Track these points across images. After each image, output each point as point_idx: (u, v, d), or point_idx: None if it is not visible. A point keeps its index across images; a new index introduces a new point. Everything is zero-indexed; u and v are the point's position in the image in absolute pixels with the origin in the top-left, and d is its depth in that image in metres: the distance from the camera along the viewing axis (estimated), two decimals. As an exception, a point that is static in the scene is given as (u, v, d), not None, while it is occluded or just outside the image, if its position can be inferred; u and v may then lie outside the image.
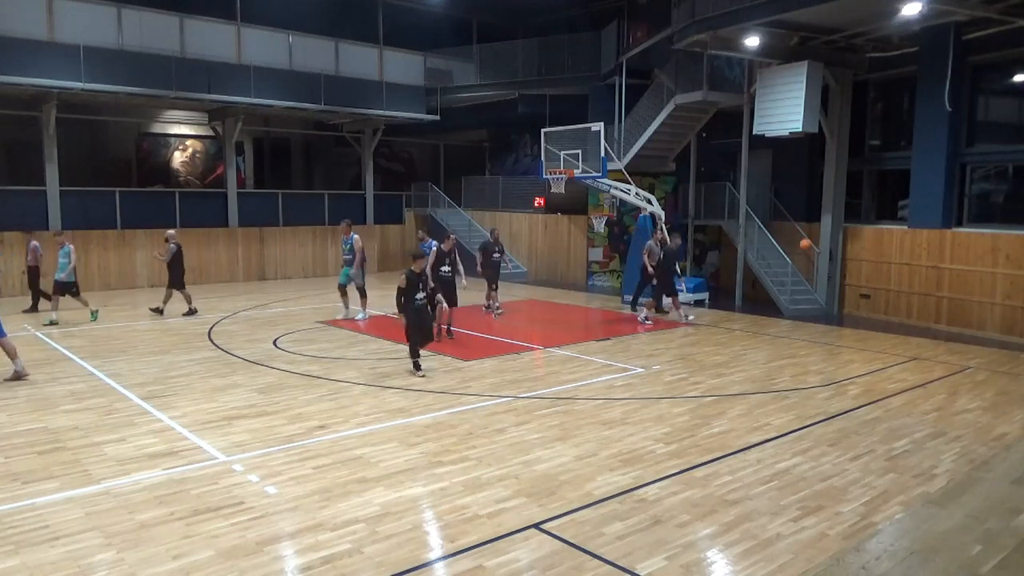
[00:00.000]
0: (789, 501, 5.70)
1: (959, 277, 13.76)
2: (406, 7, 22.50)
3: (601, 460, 6.55)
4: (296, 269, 21.65)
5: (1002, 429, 7.68)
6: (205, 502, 5.53)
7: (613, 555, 4.78)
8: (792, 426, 7.65)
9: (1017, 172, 14.00)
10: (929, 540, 5.00)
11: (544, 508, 5.50)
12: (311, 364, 10.23)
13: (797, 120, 14.10)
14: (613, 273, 19.88)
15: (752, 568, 4.67)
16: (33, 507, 5.42)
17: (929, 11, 12.05)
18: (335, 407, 8.14)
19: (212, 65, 18.21)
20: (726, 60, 16.57)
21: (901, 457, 6.76)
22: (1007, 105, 14.50)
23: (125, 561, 4.63)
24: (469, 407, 8.23)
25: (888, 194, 16.20)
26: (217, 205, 20.45)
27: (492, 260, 14.79)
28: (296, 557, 4.74)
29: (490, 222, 23.74)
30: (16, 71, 15.50)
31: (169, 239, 14.23)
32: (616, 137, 18.70)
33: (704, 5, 13.85)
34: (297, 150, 26.65)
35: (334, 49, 20.70)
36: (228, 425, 7.46)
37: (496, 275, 14.95)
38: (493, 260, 14.80)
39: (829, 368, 10.56)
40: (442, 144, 28.29)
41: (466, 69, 23.06)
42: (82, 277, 17.70)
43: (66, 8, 16.42)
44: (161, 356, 10.70)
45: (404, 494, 5.75)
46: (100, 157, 21.68)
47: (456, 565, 4.67)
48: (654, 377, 9.80)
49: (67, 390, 8.77)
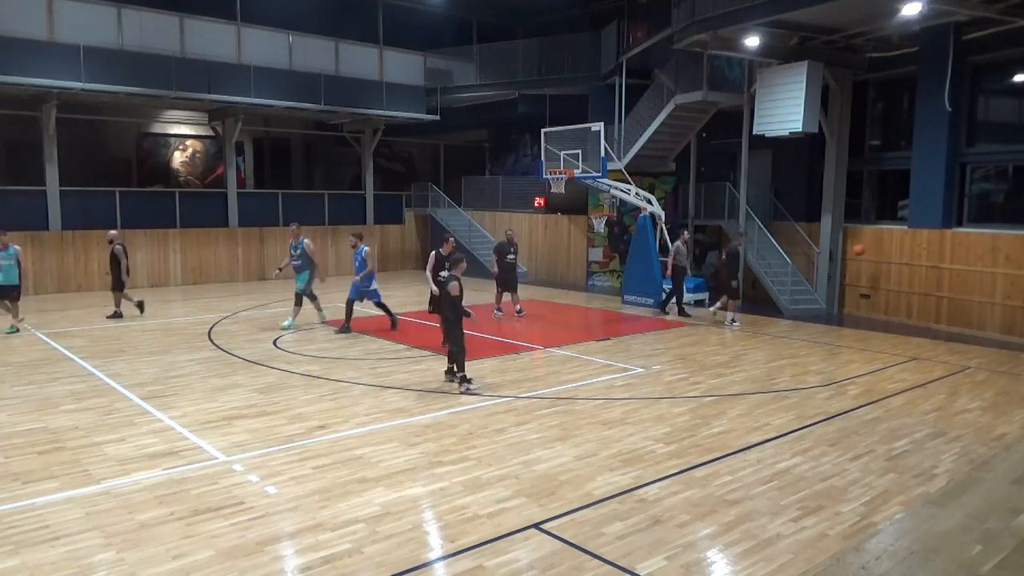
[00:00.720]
0: (789, 501, 5.70)
1: (959, 277, 13.76)
2: (406, 7, 22.50)
3: (601, 460, 6.55)
4: (296, 269, 21.63)
5: (1002, 429, 7.68)
6: (205, 502, 5.53)
7: (613, 555, 4.77)
8: (792, 426, 7.65)
9: (1017, 172, 14.00)
10: (929, 540, 5.00)
11: (544, 508, 5.50)
12: (311, 364, 10.23)
13: (797, 120, 14.10)
14: (613, 273, 19.88)
15: (752, 568, 4.67)
16: (33, 507, 5.41)
17: (929, 11, 12.05)
18: (335, 407, 8.14)
19: (212, 65, 18.22)
20: (726, 60, 16.57)
21: (901, 457, 6.76)
22: (1007, 105, 14.50)
23: (125, 561, 4.63)
24: (469, 407, 8.23)
25: (888, 194, 16.21)
26: (217, 205, 20.46)
27: (505, 262, 14.31)
28: (296, 557, 4.74)
29: (490, 222, 23.79)
30: (16, 71, 15.51)
31: (112, 240, 13.70)
32: (616, 137, 18.70)
33: (704, 5, 13.85)
34: (297, 150, 26.65)
35: (334, 49, 20.71)
36: (228, 425, 7.46)
37: (508, 277, 14.41)
38: (506, 262, 14.32)
39: (829, 368, 10.56)
40: (442, 144, 28.29)
41: (466, 69, 23.07)
42: (82, 277, 17.86)
43: (66, 8, 16.43)
44: (161, 356, 10.70)
45: (404, 494, 5.75)
46: (100, 157, 21.68)
47: (456, 565, 4.67)
48: (654, 377, 9.80)
49: (67, 390, 8.77)
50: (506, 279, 14.41)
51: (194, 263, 19.69)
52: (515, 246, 14.66)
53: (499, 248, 14.54)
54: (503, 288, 14.50)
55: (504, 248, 14.42)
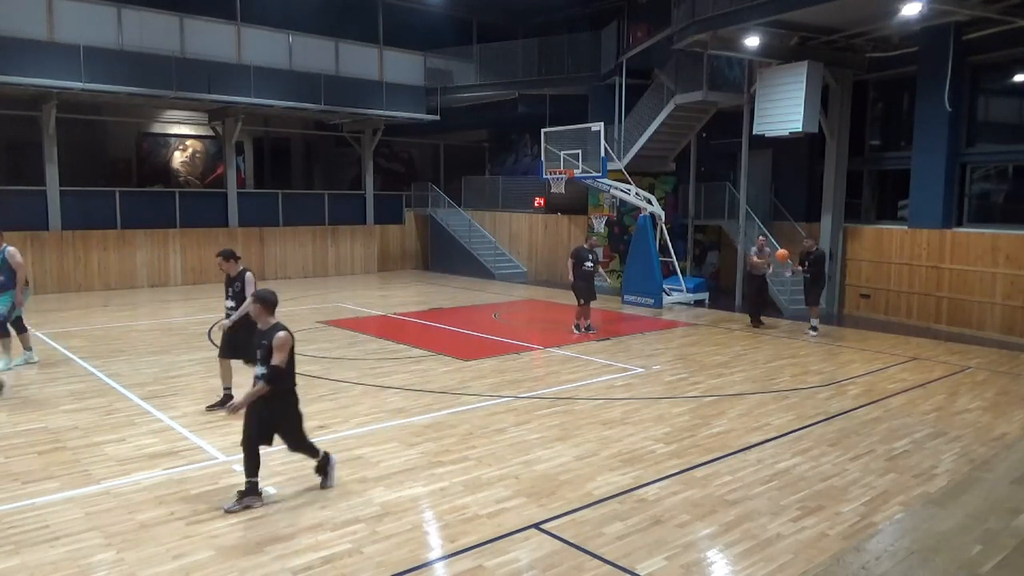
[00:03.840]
0: (789, 501, 5.70)
1: (959, 277, 13.76)
2: (406, 7, 22.50)
3: (601, 460, 6.55)
4: (296, 269, 21.65)
5: (1002, 429, 7.68)
6: (205, 502, 5.53)
7: (613, 555, 4.78)
8: (792, 426, 7.65)
9: (1017, 172, 14.01)
10: (929, 540, 5.00)
11: (544, 508, 5.50)
12: (311, 364, 10.22)
13: (797, 120, 14.10)
14: (613, 273, 19.87)
15: (752, 568, 4.67)
16: (33, 507, 5.41)
17: (929, 11, 12.05)
18: (335, 407, 8.14)
19: (212, 65, 18.21)
20: (726, 60, 16.56)
21: (901, 457, 6.76)
22: (1007, 105, 14.50)
23: (125, 561, 4.63)
24: (469, 407, 8.23)
25: (888, 194, 16.21)
26: (217, 205, 20.45)
27: (583, 270, 12.64)
28: (296, 557, 4.74)
29: (490, 222, 23.77)
30: (16, 71, 15.50)
31: None
32: (616, 137, 18.70)
33: (704, 5, 13.85)
34: (297, 150, 26.66)
35: (334, 49, 20.70)
36: (228, 425, 7.44)
37: (586, 288, 12.69)
38: (584, 270, 12.65)
39: (829, 368, 10.56)
40: (442, 144, 28.29)
41: (466, 69, 23.06)
42: (83, 277, 17.85)
43: (66, 8, 16.42)
44: (161, 356, 10.70)
45: (404, 494, 5.75)
46: (100, 157, 21.69)
47: (456, 565, 4.67)
48: (654, 377, 9.80)
49: (67, 390, 8.77)
50: (588, 289, 12.69)
51: (194, 263, 19.67)
52: (595, 253, 13.02)
53: (577, 254, 12.82)
54: (583, 298, 12.72)
55: (583, 254, 12.75)
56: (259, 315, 5.72)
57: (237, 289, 7.82)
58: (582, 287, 12.65)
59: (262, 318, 5.71)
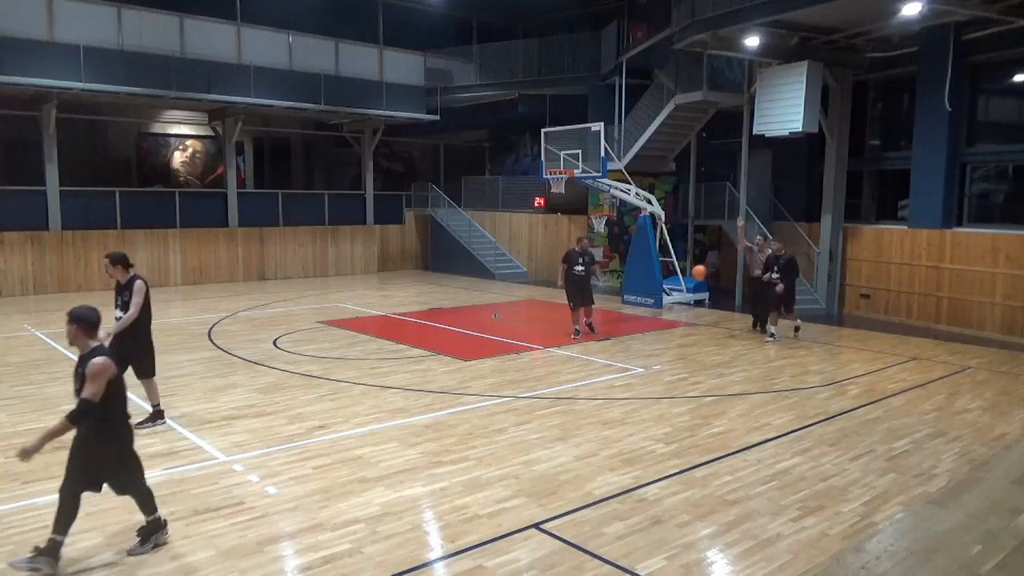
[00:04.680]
0: (789, 501, 5.70)
1: (959, 277, 13.76)
2: (406, 7, 22.50)
3: (601, 460, 6.55)
4: (296, 269, 21.66)
5: (1002, 429, 7.68)
6: (205, 502, 5.53)
7: (613, 555, 4.78)
8: (792, 426, 7.65)
9: (1017, 172, 14.00)
10: (929, 540, 4.99)
11: (544, 508, 5.50)
12: (311, 364, 10.23)
13: (797, 120, 14.10)
14: (613, 273, 19.88)
15: (752, 568, 4.67)
16: (33, 507, 5.42)
17: (929, 11, 12.05)
18: (335, 407, 8.14)
19: (212, 65, 18.21)
20: (726, 60, 16.56)
21: (901, 457, 6.76)
22: (1007, 105, 14.50)
23: (125, 561, 4.63)
24: (469, 407, 8.23)
25: (888, 194, 16.20)
26: (217, 205, 20.45)
27: (574, 274, 12.30)
28: (296, 557, 4.74)
29: (490, 222, 23.77)
30: (16, 71, 15.50)
31: None
32: (616, 137, 18.70)
33: (704, 5, 13.85)
34: (297, 150, 26.65)
35: (334, 49, 20.70)
36: (228, 425, 7.46)
37: (577, 292, 12.36)
38: (575, 274, 12.30)
39: (829, 368, 10.56)
40: (442, 144, 28.29)
41: (466, 69, 23.07)
42: (82, 277, 17.85)
43: (66, 8, 16.42)
44: (161, 356, 10.62)
45: (404, 494, 5.74)
46: (100, 157, 21.68)
47: (456, 565, 4.67)
48: (654, 377, 9.80)
49: (67, 390, 8.71)
50: (579, 293, 12.37)
51: (194, 263, 19.68)
52: (589, 255, 12.56)
53: (567, 257, 12.44)
54: (577, 303, 12.45)
55: (573, 257, 12.38)
56: (75, 338, 4.77)
57: (126, 299, 7.03)
58: (572, 291, 12.35)
59: (79, 340, 4.76)
